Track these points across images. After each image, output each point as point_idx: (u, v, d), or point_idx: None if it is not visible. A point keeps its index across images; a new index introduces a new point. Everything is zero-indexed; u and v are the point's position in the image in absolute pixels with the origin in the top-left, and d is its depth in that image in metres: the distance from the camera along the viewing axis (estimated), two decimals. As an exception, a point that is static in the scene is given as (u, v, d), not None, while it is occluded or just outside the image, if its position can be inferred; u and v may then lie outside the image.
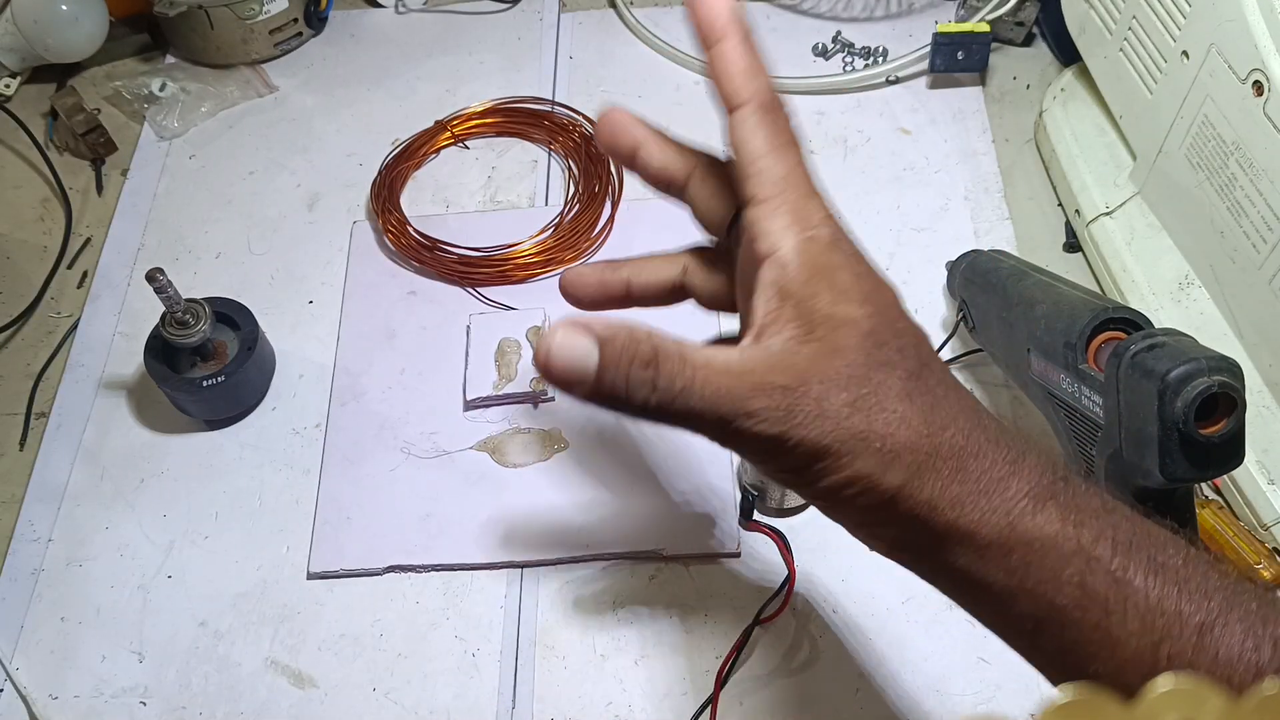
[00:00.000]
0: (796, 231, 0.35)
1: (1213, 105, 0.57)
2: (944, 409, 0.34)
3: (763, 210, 0.36)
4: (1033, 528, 0.33)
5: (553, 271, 0.71)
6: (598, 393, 0.32)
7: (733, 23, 0.36)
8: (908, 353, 0.35)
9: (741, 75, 0.36)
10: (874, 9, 0.84)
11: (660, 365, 0.32)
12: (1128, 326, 0.48)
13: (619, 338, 0.32)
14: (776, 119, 0.36)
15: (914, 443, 0.33)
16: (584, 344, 0.32)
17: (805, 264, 0.35)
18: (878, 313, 0.35)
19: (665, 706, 0.55)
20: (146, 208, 0.77)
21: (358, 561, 0.60)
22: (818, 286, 0.34)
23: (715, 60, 0.37)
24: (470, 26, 0.87)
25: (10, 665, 0.58)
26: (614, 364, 0.32)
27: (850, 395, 0.33)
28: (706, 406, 0.32)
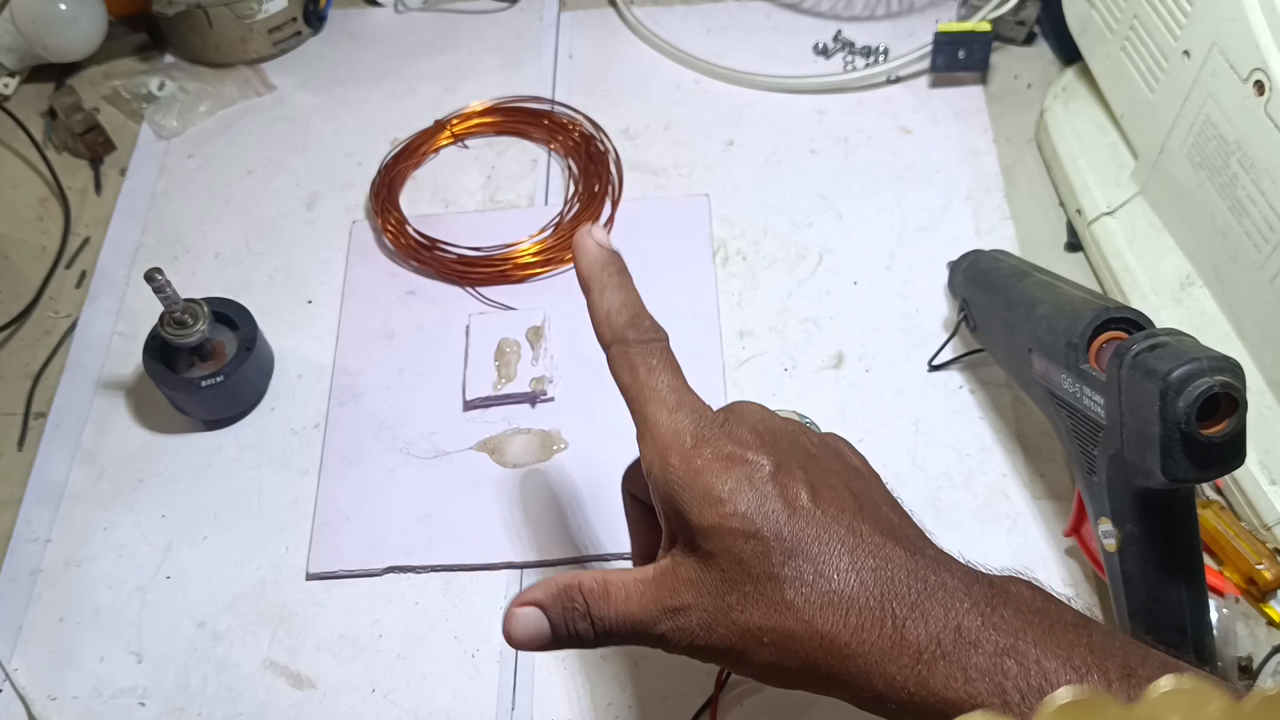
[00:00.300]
0: (662, 451, 0.38)
1: (1214, 105, 0.56)
2: (824, 582, 0.36)
3: (638, 437, 0.40)
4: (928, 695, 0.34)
5: (553, 271, 0.71)
6: (558, 643, 0.39)
7: (595, 273, 0.42)
8: (782, 538, 0.36)
9: (603, 322, 0.42)
10: (875, 8, 0.84)
11: (591, 611, 0.39)
12: (1129, 326, 0.48)
13: (557, 602, 0.39)
14: (638, 351, 0.41)
15: (798, 631, 0.36)
16: (534, 615, 0.39)
17: (674, 480, 0.38)
18: (746, 507, 0.37)
19: (665, 707, 0.55)
20: (145, 207, 0.77)
21: (357, 562, 0.60)
22: (687, 498, 0.37)
23: (588, 305, 0.43)
24: (470, 26, 0.87)
25: (9, 666, 0.58)
26: (559, 624, 0.39)
27: (734, 598, 0.36)
28: (630, 634, 0.38)
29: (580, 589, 0.39)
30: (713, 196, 0.74)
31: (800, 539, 0.36)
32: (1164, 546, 0.48)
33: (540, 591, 0.40)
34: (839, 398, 0.65)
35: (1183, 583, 0.48)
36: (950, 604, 0.35)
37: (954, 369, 0.65)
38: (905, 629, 0.35)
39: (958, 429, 0.63)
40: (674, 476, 0.38)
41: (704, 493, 0.37)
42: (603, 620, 0.38)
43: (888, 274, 0.70)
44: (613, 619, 0.38)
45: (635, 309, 0.42)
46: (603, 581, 0.39)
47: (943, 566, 0.37)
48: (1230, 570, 0.56)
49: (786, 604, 0.36)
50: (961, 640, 0.34)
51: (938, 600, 0.35)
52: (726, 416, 0.39)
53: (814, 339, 0.67)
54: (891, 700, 0.35)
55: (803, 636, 0.35)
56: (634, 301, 0.42)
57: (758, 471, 0.37)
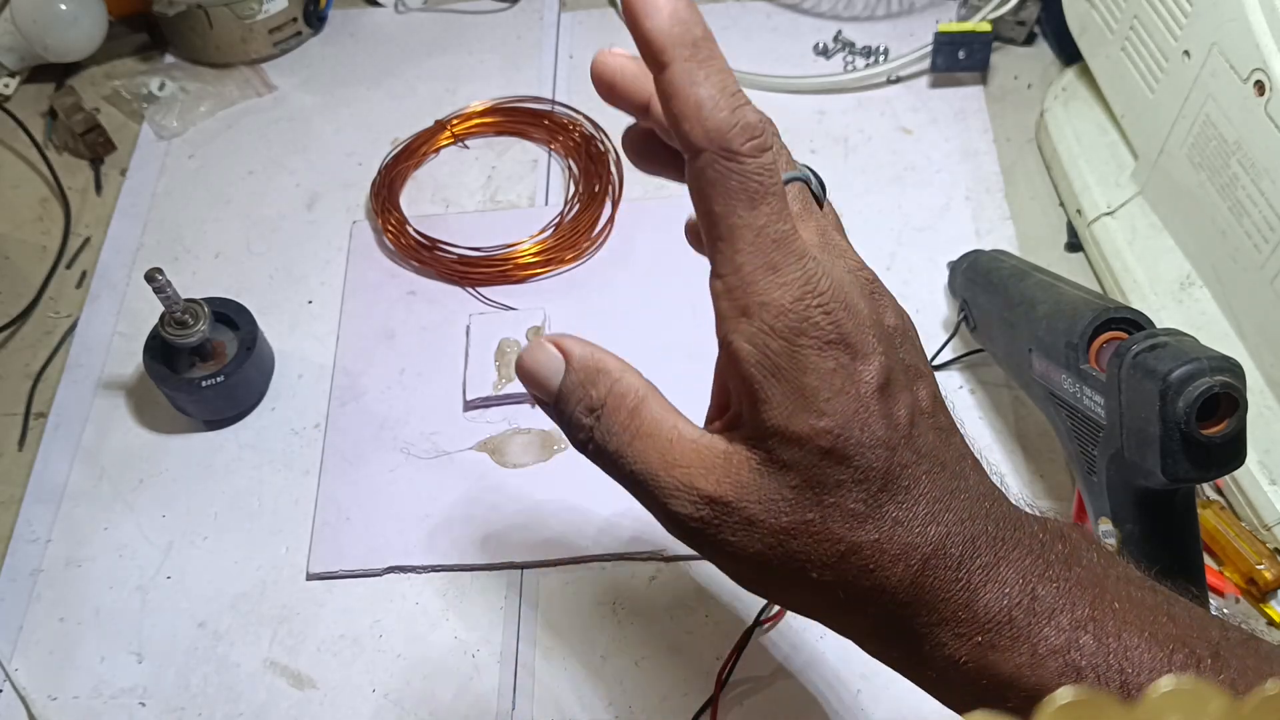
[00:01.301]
0: (753, 322, 0.30)
1: (1214, 105, 0.56)
2: (903, 534, 0.30)
3: (720, 287, 0.31)
4: (986, 666, 0.31)
5: (553, 271, 0.71)
6: (554, 413, 0.33)
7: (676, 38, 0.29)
8: (872, 471, 0.30)
9: (694, 111, 0.29)
10: (875, 8, 0.84)
11: (604, 416, 0.32)
12: (1129, 326, 0.48)
13: (584, 370, 0.32)
14: (743, 167, 0.29)
15: (857, 577, 0.31)
16: (555, 361, 0.32)
17: (760, 363, 0.30)
18: (841, 425, 0.30)
19: (665, 707, 0.55)
20: (145, 207, 0.77)
21: (357, 562, 0.60)
22: (772, 391, 0.30)
23: (662, 91, 0.30)
24: (470, 26, 0.87)
25: (9, 666, 0.58)
26: (568, 394, 0.32)
27: (790, 520, 0.30)
28: (632, 477, 0.32)
29: (610, 382, 0.32)
30: (713, 197, 0.74)
31: (892, 474, 0.30)
32: (1164, 546, 0.48)
33: (579, 347, 0.33)
34: (839, 398, 0.65)
35: (1183, 583, 0.48)
36: (1027, 565, 0.31)
37: (954, 369, 0.66)
38: (977, 595, 0.31)
39: (958, 429, 0.63)
40: (765, 363, 0.30)
41: (798, 391, 0.30)
42: (611, 438, 0.32)
43: (888, 274, 0.70)
44: (624, 447, 0.32)
45: (736, 97, 0.30)
46: (642, 398, 0.32)
47: (1018, 518, 0.33)
48: (1230, 570, 0.56)
49: (855, 546, 0.30)
50: (1036, 611, 0.30)
51: (1013, 561, 0.31)
52: (840, 294, 0.31)
53: (814, 339, 0.67)
54: (934, 667, 0.31)
55: (861, 585, 0.31)
56: (732, 85, 0.30)
57: (865, 382, 0.30)
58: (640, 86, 0.34)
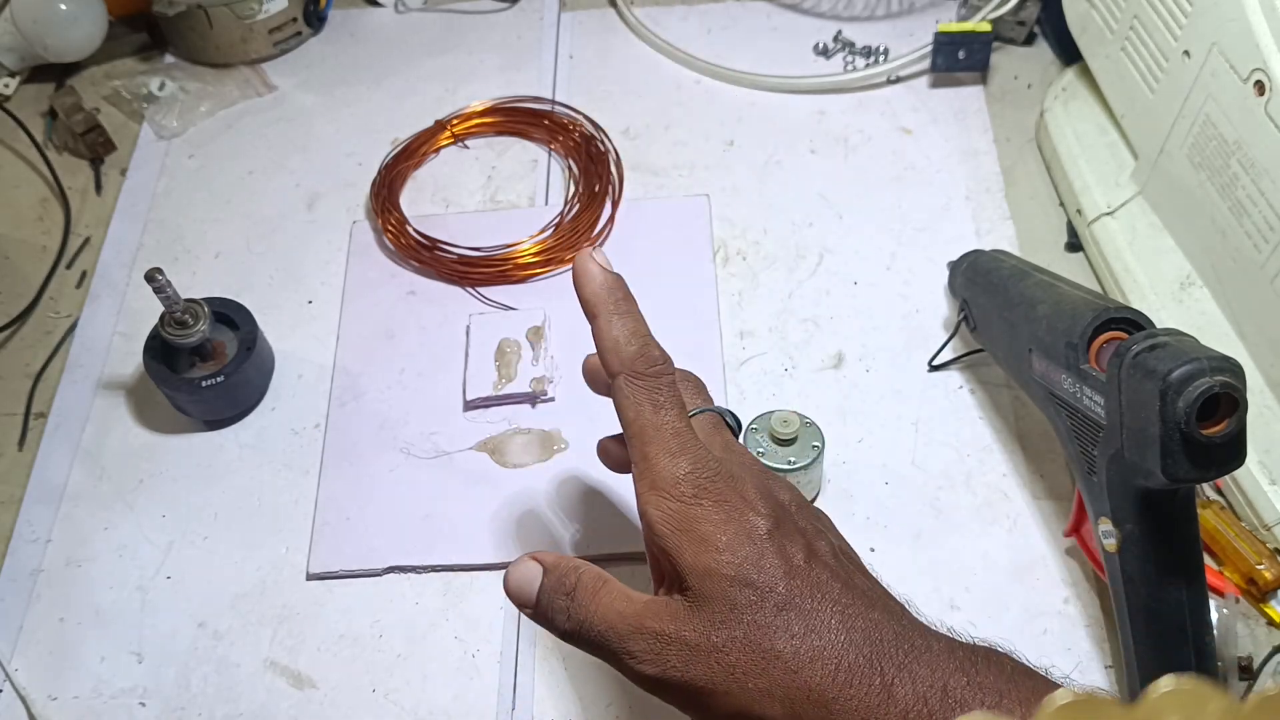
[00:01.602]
0: (657, 497, 0.39)
1: (1214, 105, 0.56)
2: (814, 637, 0.36)
3: (634, 475, 0.40)
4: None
5: (553, 271, 0.71)
6: (536, 612, 0.41)
7: (602, 295, 0.42)
8: (775, 585, 0.37)
9: (610, 351, 0.41)
10: (875, 8, 0.84)
11: (575, 595, 0.40)
12: (1129, 326, 0.48)
13: (557, 570, 0.41)
14: (646, 384, 0.40)
15: (784, 681, 0.36)
16: (532, 574, 0.41)
17: (668, 524, 0.38)
18: (740, 556, 0.37)
19: (665, 707, 0.55)
20: (145, 207, 0.77)
21: (357, 562, 0.60)
22: (681, 542, 0.38)
23: (594, 333, 0.42)
24: (470, 26, 0.87)
25: (9, 666, 0.58)
26: (548, 590, 0.40)
27: (721, 638, 0.37)
28: (601, 638, 0.39)
29: (578, 572, 0.40)
30: (713, 196, 0.74)
31: (794, 594, 0.37)
32: (1164, 546, 0.48)
33: (551, 557, 0.41)
34: (839, 398, 0.65)
35: (1183, 583, 0.48)
36: (936, 665, 0.36)
37: (954, 369, 0.66)
38: (894, 687, 0.35)
39: (958, 429, 0.63)
40: (671, 522, 0.38)
41: (701, 539, 0.38)
42: (581, 610, 0.39)
43: (888, 274, 0.70)
44: (592, 614, 0.39)
45: (644, 338, 0.41)
46: (601, 579, 0.40)
47: (926, 632, 0.38)
48: (1230, 570, 0.56)
49: (775, 654, 0.36)
50: (948, 700, 0.35)
51: (924, 661, 0.36)
52: (727, 469, 0.40)
53: (814, 339, 0.67)
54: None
55: (789, 686, 0.36)
56: (642, 330, 0.42)
57: (756, 528, 0.38)
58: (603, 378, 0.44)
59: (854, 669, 0.36)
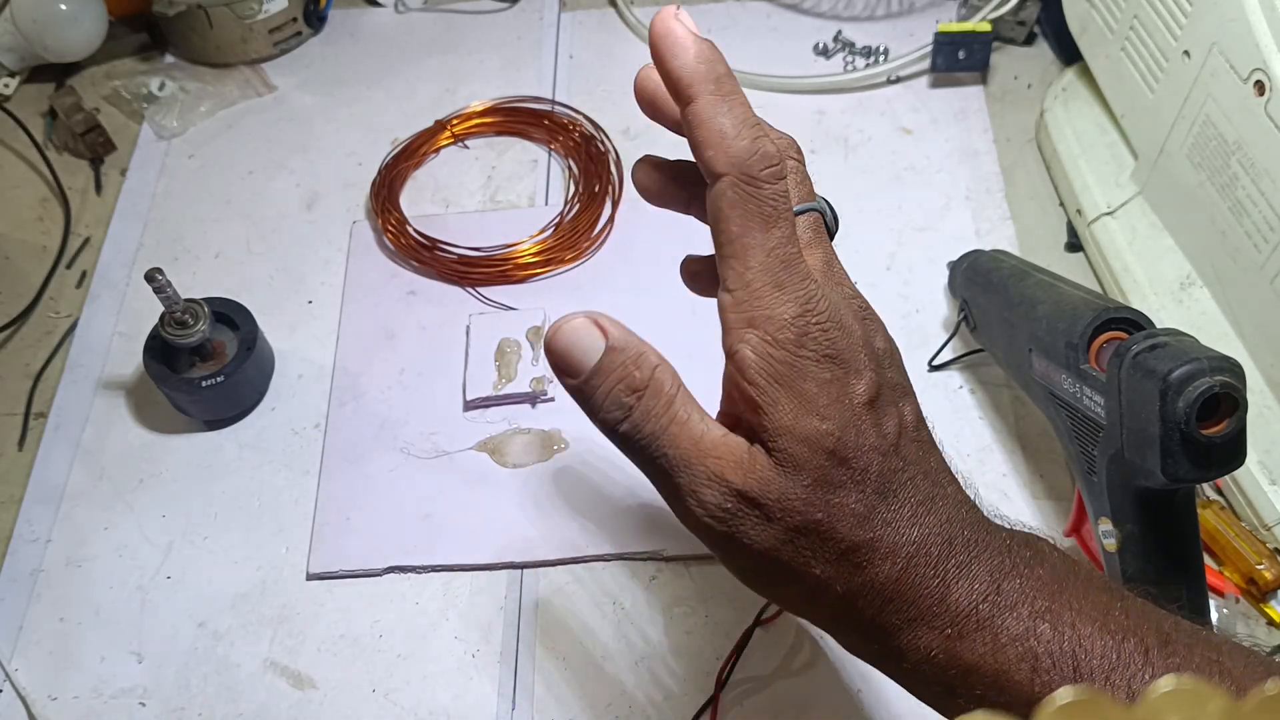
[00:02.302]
0: (757, 334, 0.33)
1: (1214, 105, 0.56)
2: (891, 534, 0.34)
3: (729, 301, 0.34)
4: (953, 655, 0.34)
5: (553, 271, 0.71)
6: (583, 391, 0.34)
7: (701, 75, 0.33)
8: (868, 474, 0.33)
9: (717, 140, 0.33)
10: (875, 8, 0.84)
11: (645, 398, 0.33)
12: (1129, 326, 0.48)
13: (627, 351, 0.33)
14: (759, 192, 0.33)
15: (849, 571, 0.34)
16: (593, 338, 0.33)
17: (765, 370, 0.33)
18: (839, 428, 0.33)
19: (665, 707, 0.55)
20: (145, 207, 0.77)
21: (357, 562, 0.60)
22: (778, 395, 0.33)
23: (689, 121, 0.33)
24: (470, 26, 0.87)
25: (9, 666, 0.58)
26: (606, 373, 0.33)
27: (802, 519, 0.33)
28: (663, 462, 0.34)
29: (653, 368, 0.34)
30: (713, 197, 0.74)
31: (884, 481, 0.34)
32: (1164, 547, 0.48)
33: (617, 329, 0.34)
34: (839, 398, 0.65)
35: (1183, 583, 0.48)
36: (995, 564, 0.34)
37: (954, 369, 0.66)
38: (950, 590, 0.34)
39: (958, 429, 0.63)
40: (770, 370, 0.33)
41: (802, 399, 0.33)
42: (648, 419, 0.33)
43: (888, 274, 0.70)
44: (660, 430, 0.33)
45: (756, 128, 0.33)
46: (676, 384, 0.34)
47: (988, 524, 0.36)
48: (1230, 570, 0.56)
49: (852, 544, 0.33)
50: (1000, 603, 0.33)
51: (984, 560, 0.34)
52: (837, 313, 0.34)
53: (814, 339, 0.67)
54: (908, 659, 0.34)
55: (852, 579, 0.34)
56: (753, 118, 0.34)
57: (857, 392, 0.33)
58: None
59: (918, 569, 0.34)
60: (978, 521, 0.35)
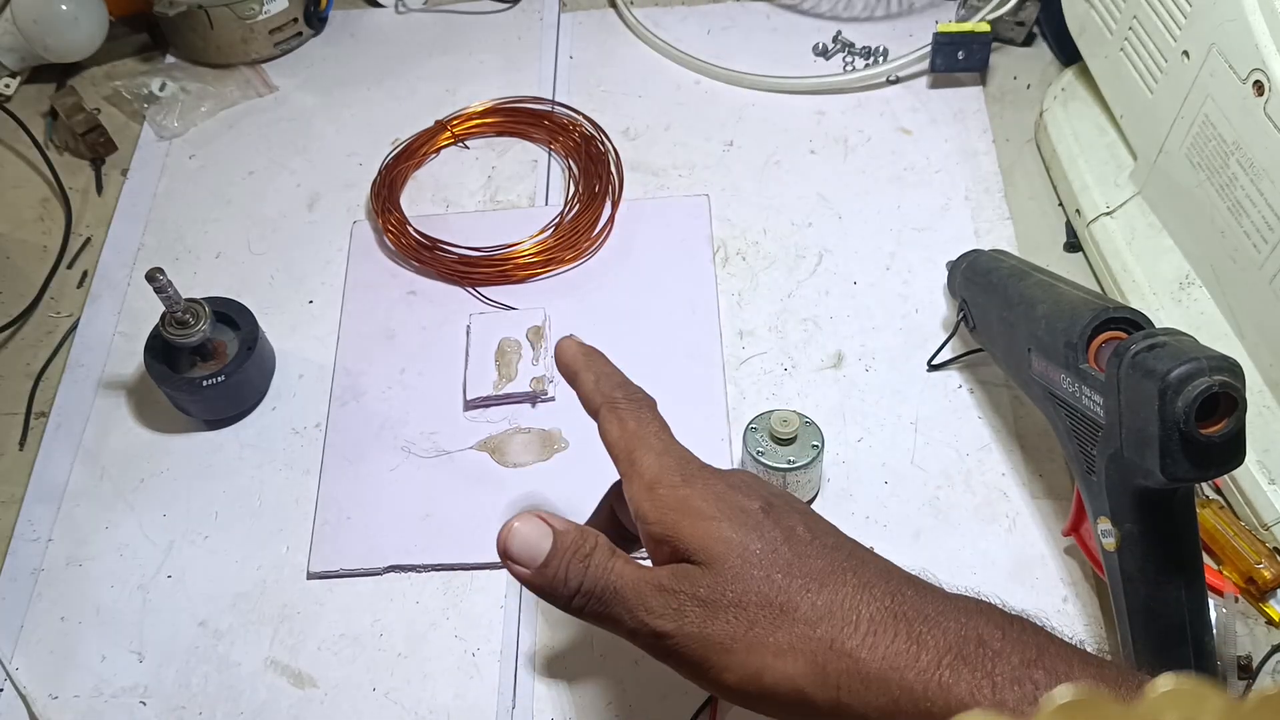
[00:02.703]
0: (649, 489, 0.40)
1: (1213, 105, 0.57)
2: (829, 592, 0.36)
3: (625, 483, 0.42)
4: (950, 699, 0.34)
5: (553, 271, 0.71)
6: (541, 575, 0.39)
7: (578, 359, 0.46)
8: (778, 547, 0.38)
9: (592, 391, 0.45)
10: (874, 9, 0.84)
11: (593, 557, 0.39)
12: (1128, 326, 0.48)
13: (570, 533, 0.40)
14: (626, 408, 0.43)
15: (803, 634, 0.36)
16: (540, 533, 0.40)
17: (662, 511, 0.39)
18: (737, 522, 0.38)
19: (665, 707, 0.55)
20: (146, 207, 0.77)
21: (358, 561, 0.60)
22: (677, 521, 0.39)
23: (576, 389, 0.46)
24: (470, 26, 0.87)
25: (10, 665, 0.58)
26: (560, 553, 0.39)
27: (735, 594, 0.37)
28: (619, 596, 0.39)
29: (595, 537, 0.40)
30: (713, 197, 0.75)
31: (800, 555, 0.37)
32: (1163, 546, 0.48)
33: (558, 520, 0.40)
34: (839, 398, 0.65)
35: (1182, 582, 0.48)
36: (966, 619, 0.35)
37: (954, 369, 0.66)
38: (923, 637, 0.35)
39: (957, 429, 0.63)
40: (664, 507, 0.39)
41: (696, 514, 0.39)
42: (598, 571, 0.39)
43: (887, 274, 0.70)
44: (608, 576, 0.39)
45: (622, 379, 0.45)
46: (612, 547, 0.40)
47: (951, 594, 0.38)
48: (1230, 570, 0.56)
49: (792, 607, 0.36)
50: (985, 650, 0.34)
51: (952, 616, 0.35)
52: (711, 467, 0.41)
53: (814, 339, 0.67)
54: (906, 710, 0.34)
55: (810, 639, 0.35)
56: (618, 374, 0.45)
57: (749, 510, 0.39)
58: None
59: (875, 621, 0.35)
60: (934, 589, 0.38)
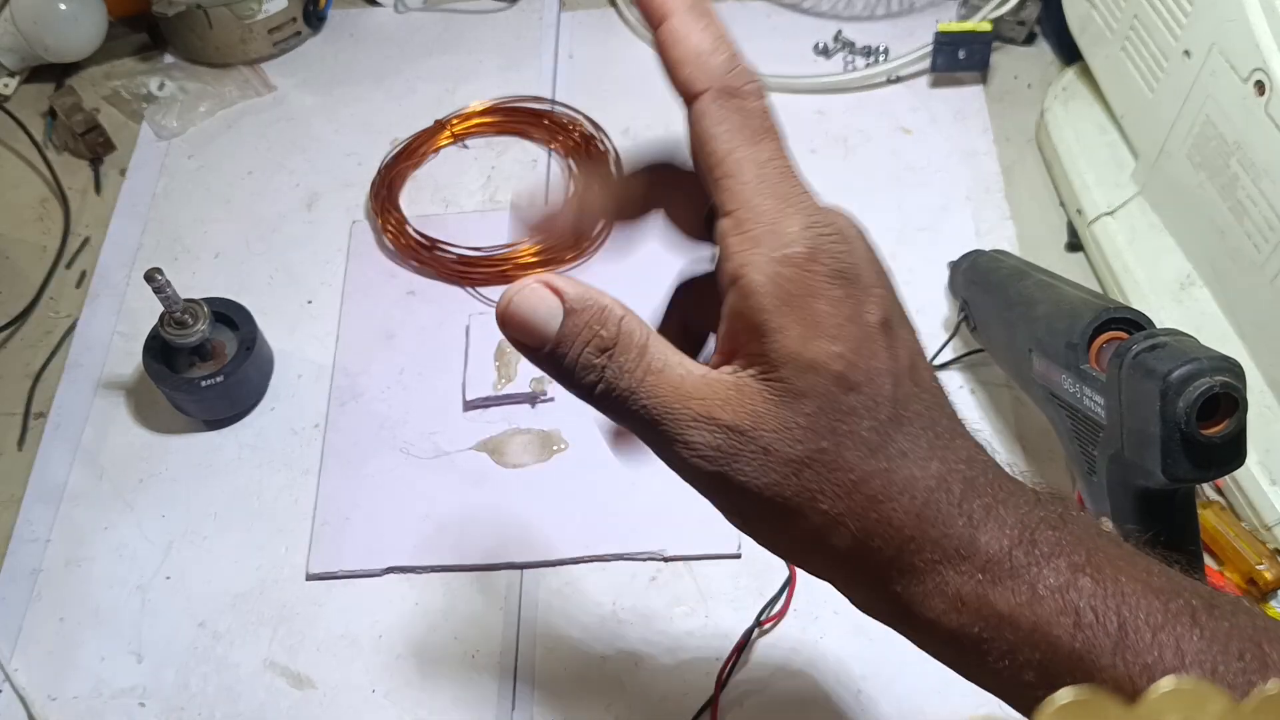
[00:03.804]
0: (765, 251, 0.30)
1: (1214, 105, 0.56)
2: (908, 466, 0.31)
3: (728, 224, 0.31)
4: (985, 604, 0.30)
5: (553, 271, 0.71)
6: (550, 360, 0.31)
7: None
8: (880, 399, 0.30)
9: (695, 56, 0.31)
10: (875, 8, 0.84)
11: (615, 355, 0.31)
12: (1129, 326, 0.48)
13: (588, 311, 0.31)
14: (744, 105, 0.31)
15: (863, 508, 0.30)
16: (549, 304, 0.31)
17: (773, 291, 0.30)
18: (852, 351, 0.30)
19: (665, 708, 0.55)
20: (145, 207, 0.77)
21: (357, 562, 0.60)
22: (785, 319, 0.30)
23: (663, 40, 0.32)
24: (470, 26, 0.87)
25: (9, 666, 0.58)
26: (571, 337, 0.31)
27: (805, 449, 0.30)
28: (645, 414, 0.31)
29: (618, 322, 0.31)
30: (713, 196, 0.74)
31: (898, 404, 0.30)
32: (1164, 547, 0.48)
33: (573, 287, 0.31)
34: (839, 398, 0.65)
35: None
36: (1026, 512, 0.31)
37: (954, 369, 0.66)
38: (978, 532, 0.31)
39: (958, 429, 0.63)
40: (779, 290, 0.30)
41: (812, 320, 0.30)
42: (624, 376, 0.31)
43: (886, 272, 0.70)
44: (638, 384, 0.31)
45: (732, 46, 0.32)
46: (646, 333, 0.32)
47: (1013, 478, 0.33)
48: (1230, 570, 0.56)
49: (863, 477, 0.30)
50: (1035, 552, 0.31)
51: (1013, 507, 0.31)
52: (839, 233, 0.31)
53: (814, 339, 0.67)
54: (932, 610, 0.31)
55: (866, 517, 0.30)
56: (728, 37, 0.32)
57: (869, 312, 0.31)
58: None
59: (940, 506, 0.30)
60: (1000, 468, 0.33)
